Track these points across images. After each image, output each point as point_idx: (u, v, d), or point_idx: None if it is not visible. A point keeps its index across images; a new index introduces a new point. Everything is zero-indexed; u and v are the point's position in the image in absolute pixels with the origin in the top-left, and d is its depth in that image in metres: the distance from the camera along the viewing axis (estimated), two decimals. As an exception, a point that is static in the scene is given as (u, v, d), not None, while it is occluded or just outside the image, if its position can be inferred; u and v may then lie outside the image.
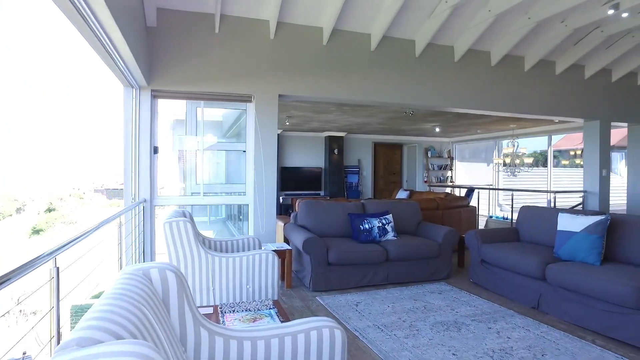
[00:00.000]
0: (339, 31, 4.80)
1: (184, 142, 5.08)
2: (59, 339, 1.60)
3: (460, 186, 10.02)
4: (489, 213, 10.35)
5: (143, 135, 4.18)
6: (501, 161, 9.65)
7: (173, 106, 6.84)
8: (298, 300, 3.75)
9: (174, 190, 7.23)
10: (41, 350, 1.55)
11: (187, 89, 4.32)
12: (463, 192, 9.14)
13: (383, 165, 12.16)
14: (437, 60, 5.29)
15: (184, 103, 5.84)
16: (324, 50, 4.79)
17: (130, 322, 0.94)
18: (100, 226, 2.33)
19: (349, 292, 3.96)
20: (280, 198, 9.96)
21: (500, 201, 10.74)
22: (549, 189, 9.24)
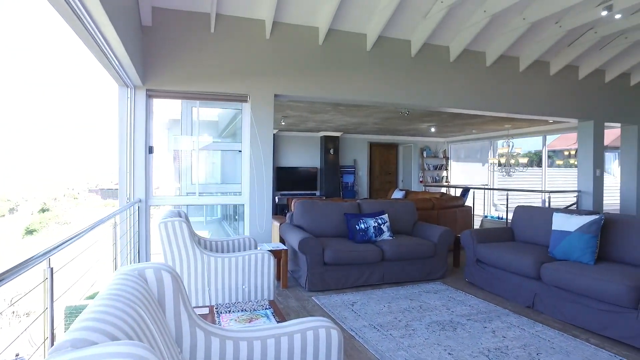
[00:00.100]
0: (335, 31, 4.80)
1: (180, 142, 5.06)
2: (53, 341, 1.59)
3: (455, 186, 10.06)
4: (484, 213, 10.40)
5: (138, 135, 4.16)
6: (496, 161, 9.69)
7: (168, 106, 6.81)
8: (294, 300, 3.74)
9: (169, 190, 7.20)
10: (35, 351, 1.54)
11: (183, 89, 4.31)
12: (458, 192, 9.17)
13: (379, 165, 12.18)
14: (433, 60, 5.31)
15: (180, 103, 5.81)
16: (320, 50, 4.79)
17: (125, 323, 0.94)
18: (94, 226, 2.31)
19: (345, 292, 3.96)
20: (276, 198, 9.95)
21: (495, 201, 10.79)
22: (544, 189, 9.30)
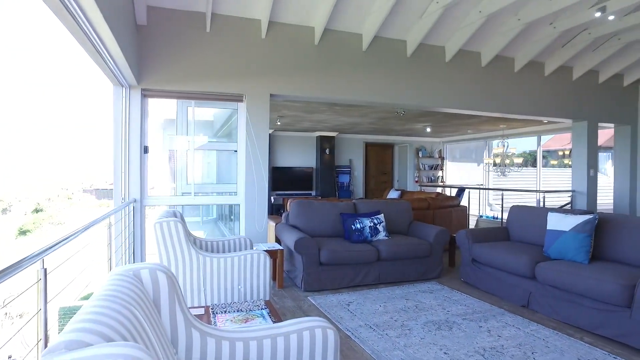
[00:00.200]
0: (331, 31, 4.80)
1: (175, 142, 5.02)
2: (47, 342, 1.57)
3: (450, 186, 10.10)
4: (480, 212, 10.44)
5: (133, 134, 4.13)
6: (491, 161, 9.74)
7: (163, 105, 6.77)
8: (290, 300, 3.74)
9: (165, 190, 7.16)
10: (28, 353, 1.52)
11: (178, 88, 4.29)
12: (454, 192, 9.20)
13: (374, 165, 12.20)
14: (429, 60, 5.32)
15: (175, 102, 5.78)
16: (316, 50, 4.79)
17: (120, 324, 0.93)
18: (89, 227, 2.29)
19: (341, 292, 3.96)
20: (271, 198, 9.93)
21: (490, 201, 10.84)
22: (538, 189, 9.36)
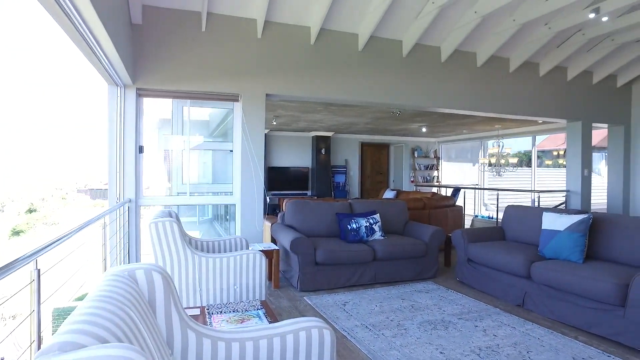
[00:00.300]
0: (327, 31, 4.80)
1: (170, 142, 5.00)
2: (40, 344, 1.56)
3: (446, 186, 10.13)
4: (475, 212, 10.49)
5: (128, 134, 4.11)
6: (486, 161, 9.78)
7: (159, 105, 6.74)
8: (286, 300, 3.73)
9: (160, 190, 7.13)
10: (20, 355, 1.50)
11: (173, 88, 4.26)
12: (449, 192, 9.23)
13: (370, 165, 12.21)
14: (424, 60, 5.34)
15: (170, 102, 5.75)
16: (312, 49, 4.78)
17: (115, 325, 0.92)
18: (83, 227, 2.28)
19: (337, 292, 3.96)
20: (267, 198, 9.91)
21: (485, 200, 10.89)
22: (533, 189, 9.41)
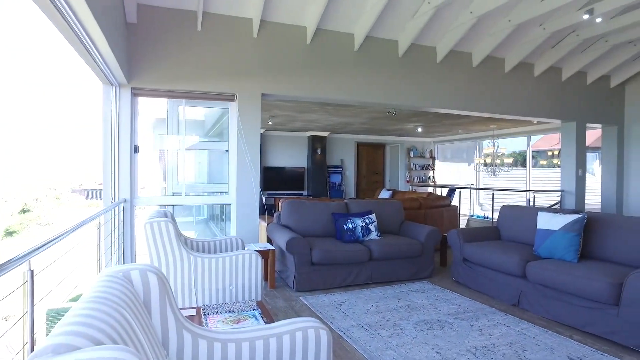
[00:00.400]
0: (323, 30, 4.80)
1: (165, 142, 4.98)
2: (33, 346, 1.54)
3: (441, 186, 10.16)
4: (470, 212, 10.52)
5: (123, 134, 4.08)
6: (482, 161, 9.82)
7: (154, 105, 6.70)
8: (282, 300, 3.73)
9: (155, 190, 7.09)
10: (13, 358, 1.49)
11: (169, 87, 4.24)
12: (445, 192, 9.26)
13: (366, 165, 12.23)
14: (420, 60, 5.35)
15: (165, 102, 5.73)
16: (308, 49, 4.78)
17: (110, 327, 0.91)
18: (78, 227, 2.26)
19: (333, 292, 3.96)
20: (263, 198, 9.90)
21: (481, 200, 10.94)
22: (528, 189, 9.46)
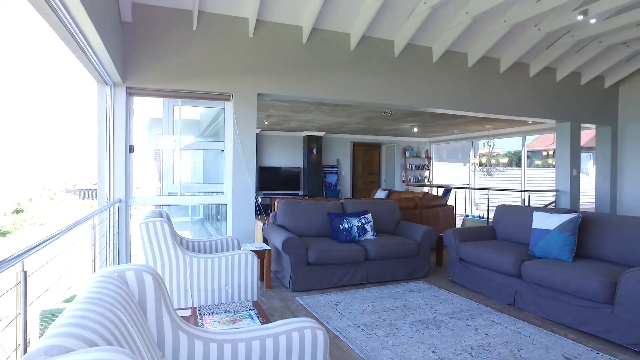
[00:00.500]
0: (319, 30, 4.79)
1: (161, 141, 4.96)
2: (26, 348, 1.52)
3: (437, 186, 10.19)
4: (466, 212, 10.56)
5: (118, 133, 4.06)
6: (477, 161, 9.86)
7: (149, 104, 6.67)
8: (278, 300, 3.72)
9: (151, 190, 7.05)
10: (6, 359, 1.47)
11: (164, 87, 4.22)
12: (440, 192, 9.29)
13: (361, 165, 12.24)
14: (416, 60, 5.36)
15: (161, 101, 5.70)
16: (304, 49, 4.77)
17: (104, 328, 0.90)
18: (72, 227, 2.24)
19: (329, 292, 3.95)
20: (259, 198, 9.88)
21: (476, 200, 10.98)
22: (523, 188, 9.51)
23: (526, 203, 7.45)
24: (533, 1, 4.42)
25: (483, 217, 8.79)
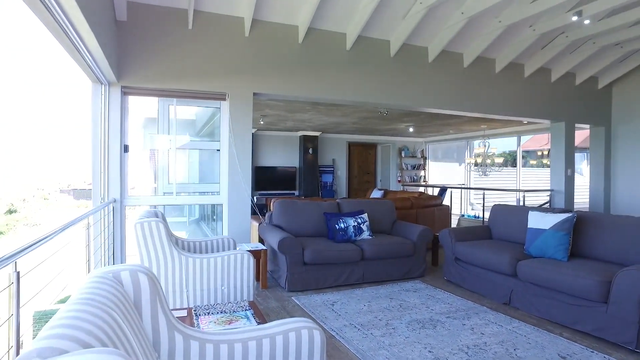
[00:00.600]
0: (315, 30, 4.79)
1: (156, 141, 4.93)
2: (19, 350, 1.51)
3: (433, 185, 10.22)
4: (461, 212, 10.60)
5: (113, 133, 4.03)
6: (473, 161, 9.89)
7: (144, 104, 6.63)
8: (274, 300, 3.71)
9: (146, 190, 7.02)
10: (-1, 361, 1.45)
11: (159, 86, 4.20)
12: (436, 192, 9.31)
13: (357, 164, 12.25)
14: (412, 60, 5.37)
15: (156, 101, 5.67)
16: (300, 48, 4.76)
17: (99, 329, 0.89)
18: (66, 227, 2.22)
19: (325, 292, 3.95)
20: (254, 198, 9.86)
21: (472, 200, 11.02)
22: (518, 188, 9.55)
23: (521, 203, 7.48)
24: (528, 2, 4.44)
25: (478, 217, 8.82)
